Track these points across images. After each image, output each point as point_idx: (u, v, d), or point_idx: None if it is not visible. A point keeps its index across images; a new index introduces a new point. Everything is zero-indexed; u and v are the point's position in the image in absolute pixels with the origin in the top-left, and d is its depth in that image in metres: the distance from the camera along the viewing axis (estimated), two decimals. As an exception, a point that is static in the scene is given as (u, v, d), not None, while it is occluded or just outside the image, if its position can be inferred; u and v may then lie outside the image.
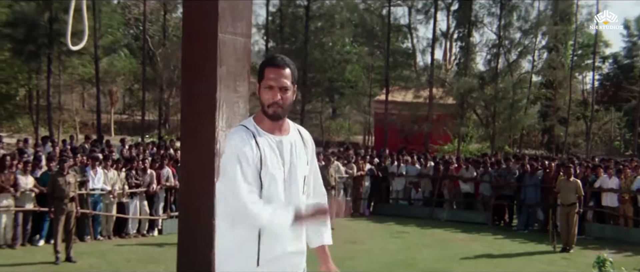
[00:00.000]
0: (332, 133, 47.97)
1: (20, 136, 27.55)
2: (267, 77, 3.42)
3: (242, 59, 4.24)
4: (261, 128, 3.46)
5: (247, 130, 3.43)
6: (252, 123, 3.50)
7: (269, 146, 3.43)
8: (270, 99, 3.41)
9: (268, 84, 3.41)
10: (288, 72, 3.46)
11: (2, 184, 13.01)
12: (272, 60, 3.48)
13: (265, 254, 3.40)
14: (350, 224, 17.84)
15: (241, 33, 4.24)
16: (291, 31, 38.13)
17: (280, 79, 3.42)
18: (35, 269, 11.43)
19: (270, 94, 3.41)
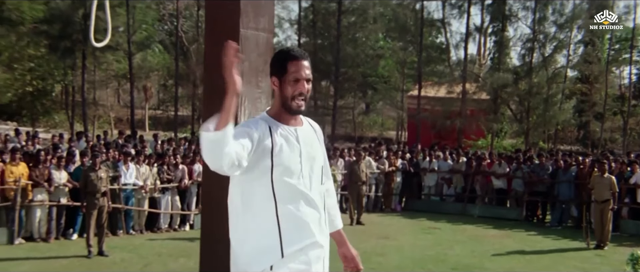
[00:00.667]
0: (365, 128, 47.88)
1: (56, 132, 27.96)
2: (292, 70, 3.40)
3: (264, 54, 4.22)
4: (276, 120, 3.45)
5: (261, 120, 3.42)
6: (266, 115, 3.49)
7: (286, 137, 3.41)
8: (298, 90, 3.40)
9: (295, 77, 3.39)
10: (308, 63, 3.46)
11: (37, 179, 13.22)
12: (293, 52, 3.46)
13: (288, 246, 3.37)
14: (382, 220, 17.82)
15: (263, 28, 4.22)
16: (323, 26, 38.11)
17: (305, 70, 3.43)
18: (68, 262, 11.56)
19: (296, 86, 3.40)
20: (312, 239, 3.45)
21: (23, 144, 17.89)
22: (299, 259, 3.42)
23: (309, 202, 3.43)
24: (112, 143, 18.81)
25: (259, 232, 3.39)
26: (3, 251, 12.22)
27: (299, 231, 3.40)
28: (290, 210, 3.38)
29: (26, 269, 10.88)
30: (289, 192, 3.38)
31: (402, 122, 45.00)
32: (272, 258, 3.37)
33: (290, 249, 3.38)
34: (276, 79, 3.46)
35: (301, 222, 3.41)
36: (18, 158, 13.35)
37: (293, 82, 3.40)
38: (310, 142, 3.53)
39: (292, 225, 3.38)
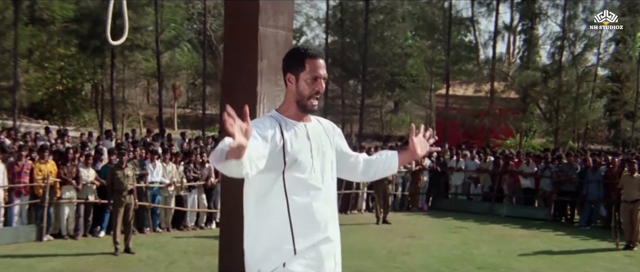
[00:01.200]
0: (393, 127, 47.73)
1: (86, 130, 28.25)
2: (312, 69, 3.41)
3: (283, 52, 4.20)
4: (286, 116, 3.48)
5: (271, 118, 3.45)
6: (276, 113, 3.51)
7: (296, 133, 3.44)
8: (315, 89, 3.43)
9: (313, 75, 3.41)
10: (324, 62, 3.48)
11: (65, 176, 13.37)
12: (311, 50, 3.46)
13: (300, 243, 3.39)
14: (408, 219, 17.77)
15: (283, 26, 4.22)
16: (351, 25, 38.05)
17: (323, 69, 3.44)
18: (95, 259, 11.66)
19: (314, 85, 3.43)
20: (324, 234, 3.46)
21: (52, 142, 18.08)
22: (311, 255, 3.43)
23: (320, 197, 3.45)
24: (139, 141, 18.95)
25: (272, 229, 3.40)
26: (32, 248, 12.39)
27: (310, 226, 3.42)
28: (301, 206, 3.40)
29: (54, 266, 11.00)
30: (300, 188, 3.40)
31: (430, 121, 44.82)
32: (284, 255, 3.38)
33: (302, 246, 3.39)
34: (292, 76, 3.47)
35: (312, 218, 3.42)
36: (47, 156, 13.52)
37: (311, 81, 3.42)
38: (319, 138, 3.55)
39: (303, 221, 3.40)
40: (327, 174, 3.53)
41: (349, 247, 13.12)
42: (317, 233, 3.43)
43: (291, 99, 3.49)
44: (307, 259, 3.42)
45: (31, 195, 13.33)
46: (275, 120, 3.42)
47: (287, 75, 3.49)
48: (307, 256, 3.42)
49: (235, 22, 4.23)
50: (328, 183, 3.52)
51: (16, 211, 13.22)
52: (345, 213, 18.14)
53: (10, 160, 13.27)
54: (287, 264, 3.38)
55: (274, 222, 3.40)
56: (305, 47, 3.50)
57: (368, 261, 12.05)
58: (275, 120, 3.42)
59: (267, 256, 3.41)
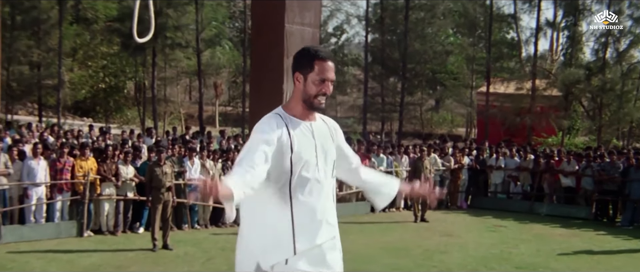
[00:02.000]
0: (434, 125, 47.39)
1: (128, 127, 28.64)
2: (321, 71, 3.49)
3: (304, 49, 4.23)
4: (291, 115, 3.56)
5: (278, 117, 3.53)
6: (282, 111, 3.58)
7: (302, 132, 3.52)
8: (323, 90, 3.50)
9: (322, 77, 3.49)
10: (334, 65, 3.56)
11: (104, 173, 13.57)
12: (322, 52, 3.54)
13: (301, 244, 3.47)
14: (447, 217, 17.66)
15: (309, 23, 4.22)
16: (391, 22, 37.89)
17: (331, 72, 3.52)
18: (134, 255, 11.81)
19: (322, 86, 3.50)
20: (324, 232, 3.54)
21: (94, 139, 18.35)
22: (312, 253, 3.52)
23: (322, 195, 3.54)
24: (178, 139, 19.12)
25: (274, 225, 3.50)
26: (72, 243, 12.61)
27: (311, 226, 3.51)
28: (304, 205, 3.49)
29: (93, 261, 11.17)
30: (305, 186, 3.49)
31: (471, 120, 44.43)
32: (285, 253, 3.48)
33: (303, 246, 3.48)
34: (300, 76, 3.54)
35: (314, 217, 3.51)
36: (87, 153, 13.74)
37: (319, 82, 3.50)
38: (324, 137, 3.63)
39: (305, 220, 3.49)
40: (329, 171, 3.61)
41: (385, 245, 13.23)
42: (317, 232, 3.52)
43: (298, 97, 3.58)
44: (308, 256, 3.50)
45: (72, 191, 13.56)
46: (282, 119, 3.51)
47: (295, 74, 3.57)
48: (308, 254, 3.50)
49: (262, 20, 4.25)
50: (330, 180, 3.62)
51: (58, 207, 13.48)
52: (383, 211, 18.10)
53: (52, 157, 13.52)
54: (289, 261, 3.48)
55: (276, 219, 3.49)
56: (315, 49, 3.57)
57: (405, 259, 12.01)
58: (282, 119, 3.52)
59: (267, 251, 3.51)
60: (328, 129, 3.71)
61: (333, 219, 3.62)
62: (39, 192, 13.13)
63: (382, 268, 11.18)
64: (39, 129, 19.61)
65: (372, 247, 13.00)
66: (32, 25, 31.69)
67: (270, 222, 3.49)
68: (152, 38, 20.33)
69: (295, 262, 3.46)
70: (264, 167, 3.31)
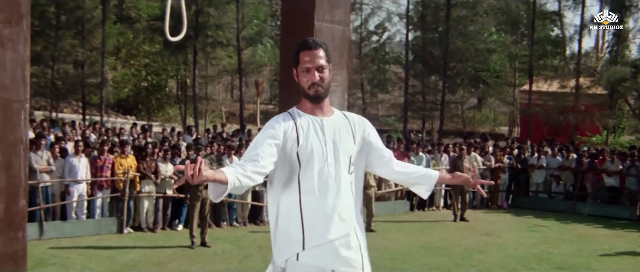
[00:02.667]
0: (476, 124, 47.01)
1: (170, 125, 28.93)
2: (303, 60, 3.52)
3: (339, 47, 4.19)
4: (302, 111, 3.59)
5: (288, 114, 3.58)
6: (294, 109, 3.63)
7: (310, 125, 3.53)
8: (310, 80, 3.51)
9: (305, 67, 3.51)
10: (322, 52, 3.53)
11: (144, 171, 13.69)
12: (305, 43, 3.56)
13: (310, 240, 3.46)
14: (487, 217, 17.48)
15: (339, 21, 4.19)
16: (433, 20, 37.63)
17: (316, 59, 3.50)
18: (172, 252, 11.89)
19: (308, 75, 3.51)
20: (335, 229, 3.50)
21: (134, 137, 18.55)
22: (322, 249, 3.49)
23: (332, 191, 3.50)
24: (217, 137, 19.24)
25: (287, 222, 3.51)
26: (113, 240, 12.75)
27: (321, 222, 3.48)
28: (313, 201, 3.48)
29: (133, 258, 11.27)
30: (313, 181, 3.47)
31: (514, 118, 43.93)
32: (295, 248, 3.48)
33: (312, 243, 3.47)
34: (294, 71, 3.59)
35: (324, 214, 3.49)
36: (127, 151, 13.89)
37: (305, 72, 3.52)
38: (337, 132, 3.60)
39: (315, 218, 3.48)
40: (343, 167, 3.56)
41: (424, 244, 13.15)
42: (329, 228, 3.48)
43: (301, 93, 3.60)
44: (319, 252, 3.48)
45: (112, 188, 13.73)
46: (290, 115, 3.56)
47: (293, 70, 3.61)
48: (319, 250, 3.48)
49: (291, 18, 4.23)
50: (343, 176, 3.55)
51: (98, 203, 13.66)
52: (422, 210, 18.02)
53: (93, 154, 13.70)
54: (300, 257, 3.48)
55: (288, 215, 3.50)
56: (302, 41, 3.60)
57: (443, 258, 11.91)
58: (290, 115, 3.57)
59: (280, 245, 3.53)
60: (349, 123, 3.67)
61: (348, 216, 3.55)
62: (80, 189, 13.33)
63: (421, 267, 11.10)
64: (82, 127, 19.88)
65: (411, 246, 12.92)
66: (76, 25, 32.22)
67: (282, 217, 3.52)
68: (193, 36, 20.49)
69: (306, 257, 3.46)
70: (268, 159, 3.35)
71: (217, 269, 10.70)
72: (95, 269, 10.35)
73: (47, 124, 20.30)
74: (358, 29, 45.33)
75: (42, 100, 35.91)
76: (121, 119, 36.67)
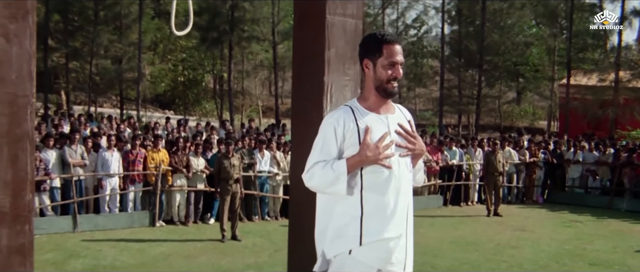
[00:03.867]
0: (515, 118, 46.49)
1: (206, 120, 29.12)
2: (388, 54, 3.39)
3: (352, 41, 4.15)
4: (365, 107, 3.46)
5: (348, 109, 3.44)
6: (356, 103, 3.49)
7: (375, 124, 3.42)
8: (393, 74, 3.40)
9: (391, 61, 3.39)
10: (401, 48, 3.45)
11: (176, 165, 13.80)
12: (387, 36, 3.43)
13: (368, 236, 3.38)
14: (521, 212, 17.29)
15: (351, 14, 4.15)
16: (469, 13, 37.28)
17: (400, 55, 3.42)
18: (203, 245, 11.97)
19: (392, 70, 3.40)
20: (393, 228, 3.43)
21: (168, 131, 18.71)
22: (378, 247, 3.42)
23: (393, 190, 3.42)
24: (251, 131, 19.31)
25: (342, 216, 3.42)
26: (145, 232, 12.89)
27: (380, 220, 3.40)
28: (375, 199, 3.39)
29: (163, 250, 11.37)
30: (376, 179, 3.39)
31: (552, 112, 43.38)
32: (350, 243, 3.39)
33: (369, 239, 3.39)
34: (369, 62, 3.45)
35: (383, 212, 3.41)
36: (160, 145, 14.02)
37: (388, 66, 3.40)
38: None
39: (375, 215, 3.39)
40: (403, 166, 3.48)
41: (456, 239, 13.05)
42: (386, 227, 3.41)
43: (370, 85, 3.48)
44: (373, 250, 3.41)
45: (145, 182, 13.87)
46: (351, 112, 3.43)
47: (364, 61, 3.49)
48: (374, 248, 3.41)
49: (303, 11, 4.20)
50: (403, 174, 3.47)
51: (131, 197, 13.82)
52: (457, 205, 17.89)
53: (125, 149, 13.85)
54: (353, 253, 3.40)
55: (345, 210, 3.41)
56: (382, 33, 3.46)
57: (474, 253, 11.82)
58: (352, 111, 3.43)
59: (333, 240, 3.44)
60: (405, 119, 3.60)
61: (404, 214, 3.50)
62: (113, 183, 13.50)
63: (451, 262, 11.02)
64: (117, 121, 20.11)
65: (442, 241, 12.84)
66: (114, 20, 32.59)
67: (339, 212, 3.43)
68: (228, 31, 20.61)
69: (359, 253, 3.40)
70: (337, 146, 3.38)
71: (246, 262, 10.74)
72: (125, 262, 10.45)
73: (84, 118, 20.56)
74: (394, 23, 45.13)
75: (82, 95, 36.43)
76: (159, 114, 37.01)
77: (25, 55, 3.04)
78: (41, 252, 10.87)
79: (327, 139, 3.37)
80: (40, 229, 12.26)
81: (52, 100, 34.25)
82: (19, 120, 3.04)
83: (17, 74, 3.03)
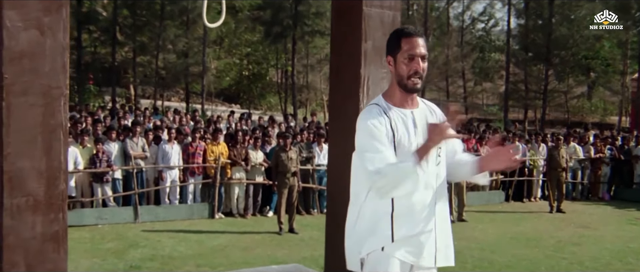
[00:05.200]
0: (585, 114, 45.41)
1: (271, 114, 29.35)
2: (406, 47, 3.34)
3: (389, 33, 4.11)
4: (391, 103, 3.43)
5: (378, 107, 3.41)
6: (382, 100, 3.47)
7: (401, 120, 3.39)
8: (413, 69, 3.34)
9: (409, 54, 3.33)
10: (423, 41, 3.37)
11: (234, 158, 13.95)
12: (406, 29, 3.40)
13: (399, 232, 3.38)
14: (585, 209, 16.91)
15: (389, 6, 4.12)
16: (536, 6, 36.52)
17: (419, 47, 3.35)
18: (260, 237, 12.08)
19: (412, 64, 3.34)
20: (423, 224, 3.43)
21: (229, 125, 18.92)
22: (409, 243, 3.42)
23: (421, 185, 3.39)
24: (312, 125, 19.36)
25: (374, 214, 3.41)
26: (204, 224, 13.08)
27: (410, 216, 3.40)
28: (404, 195, 3.37)
29: (221, 242, 11.50)
30: None
31: (625, 107, 42.19)
32: (382, 240, 3.39)
33: (400, 235, 3.39)
34: (391, 58, 3.43)
35: (413, 209, 3.40)
36: (219, 138, 14.20)
37: (407, 60, 3.35)
38: (425, 124, 3.46)
39: (405, 212, 3.39)
40: (431, 160, 3.42)
41: (516, 235, 12.87)
42: (416, 223, 3.41)
43: (393, 81, 3.46)
44: (405, 246, 3.41)
45: (204, 175, 14.06)
46: (381, 109, 3.40)
47: (387, 58, 3.46)
48: (406, 243, 3.41)
49: (341, 3, 4.19)
50: (431, 169, 3.44)
51: (191, 189, 14.03)
52: (520, 201, 17.61)
53: (185, 141, 14.07)
54: (386, 249, 3.40)
55: (376, 208, 3.40)
56: (401, 28, 3.45)
57: (534, 249, 11.62)
58: (381, 108, 3.41)
59: (366, 238, 3.43)
60: (431, 114, 3.56)
61: (433, 209, 3.48)
62: (173, 175, 13.74)
63: (509, 258, 10.85)
64: (181, 114, 20.43)
65: (502, 237, 12.66)
66: (180, 15, 33.06)
67: (370, 210, 3.42)
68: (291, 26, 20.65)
69: (392, 250, 3.39)
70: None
71: (302, 255, 10.77)
72: (183, 252, 10.62)
73: (149, 112, 20.96)
74: (459, 17, 44.67)
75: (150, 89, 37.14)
76: (224, 107, 37.46)
77: (59, 48, 3.12)
78: (103, 242, 11.17)
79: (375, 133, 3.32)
80: (103, 219, 12.61)
81: (121, 94, 35.01)
82: (52, 111, 3.12)
83: (50, 66, 3.11)
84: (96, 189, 12.95)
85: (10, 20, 2.99)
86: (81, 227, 12.08)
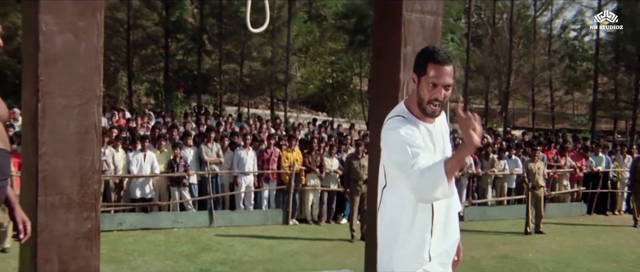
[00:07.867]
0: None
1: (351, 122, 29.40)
2: (432, 74, 3.27)
3: (431, 38, 4.07)
4: (413, 114, 3.39)
5: (404, 119, 3.37)
6: (404, 109, 3.42)
7: (427, 135, 3.37)
8: (434, 95, 3.29)
9: (433, 82, 3.27)
10: (451, 69, 3.30)
11: (309, 164, 14.02)
12: (436, 55, 3.29)
13: (435, 249, 3.42)
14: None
15: (430, 11, 4.07)
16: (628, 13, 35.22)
17: (445, 76, 3.28)
18: (332, 244, 12.09)
19: (434, 91, 3.29)
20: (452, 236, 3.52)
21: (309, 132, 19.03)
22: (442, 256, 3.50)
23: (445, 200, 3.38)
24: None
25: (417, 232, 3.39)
26: (277, 230, 13.19)
27: (444, 230, 3.45)
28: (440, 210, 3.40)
29: (292, 248, 11.57)
30: None
31: None
32: (421, 263, 3.41)
33: (436, 251, 3.43)
34: (416, 76, 3.37)
35: (443, 225, 3.44)
36: (294, 145, 14.31)
37: (431, 86, 3.29)
38: (442, 136, 3.48)
39: (438, 226, 3.42)
40: None
41: (594, 248, 12.48)
42: (444, 237, 3.47)
43: (413, 97, 3.42)
44: (438, 260, 3.48)
45: (279, 181, 14.18)
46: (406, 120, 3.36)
47: (412, 74, 3.42)
48: (439, 259, 3.48)
49: (382, 7, 4.18)
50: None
51: (265, 195, 14.16)
52: (603, 214, 17.04)
53: (260, 148, 14.23)
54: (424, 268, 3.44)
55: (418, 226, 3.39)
56: (433, 50, 3.33)
57: (612, 264, 11.25)
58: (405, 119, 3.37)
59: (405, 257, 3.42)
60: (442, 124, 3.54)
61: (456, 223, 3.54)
62: (248, 181, 13.91)
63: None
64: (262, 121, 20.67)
65: (580, 250, 12.29)
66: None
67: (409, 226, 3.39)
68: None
69: (427, 267, 3.43)
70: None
71: (371, 263, 10.74)
72: (254, 257, 10.74)
73: (231, 118, 21.33)
74: (547, 25, 43.67)
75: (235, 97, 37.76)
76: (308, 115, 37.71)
77: (93, 51, 3.23)
78: (177, 245, 11.40)
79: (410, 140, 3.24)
80: (179, 222, 12.89)
81: (208, 101, 35.70)
82: (86, 112, 3.23)
83: (84, 68, 3.22)
84: (173, 193, 13.23)
85: (46, 24, 3.11)
86: (157, 230, 12.39)
